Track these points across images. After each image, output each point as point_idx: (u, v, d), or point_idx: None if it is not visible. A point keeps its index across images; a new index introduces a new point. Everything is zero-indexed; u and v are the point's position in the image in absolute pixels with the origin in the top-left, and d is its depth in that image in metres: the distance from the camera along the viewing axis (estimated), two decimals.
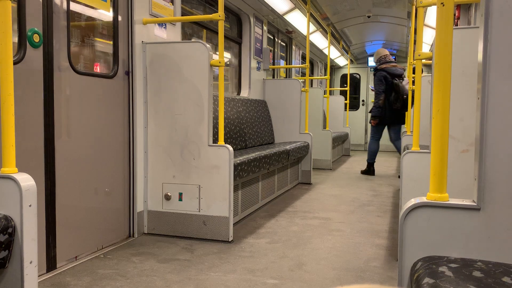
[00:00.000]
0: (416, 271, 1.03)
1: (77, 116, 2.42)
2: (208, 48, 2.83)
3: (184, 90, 2.88)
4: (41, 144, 2.19)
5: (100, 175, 2.62)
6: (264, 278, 2.23)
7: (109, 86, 2.68)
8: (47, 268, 2.25)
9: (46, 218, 2.23)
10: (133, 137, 2.88)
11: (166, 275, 2.23)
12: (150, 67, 2.94)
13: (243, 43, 5.12)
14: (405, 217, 1.14)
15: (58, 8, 2.27)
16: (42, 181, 2.20)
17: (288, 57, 7.21)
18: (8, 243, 1.42)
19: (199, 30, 4.50)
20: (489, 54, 1.03)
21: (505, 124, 1.03)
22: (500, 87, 1.03)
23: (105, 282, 2.13)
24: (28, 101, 2.11)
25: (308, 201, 4.26)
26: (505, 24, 1.02)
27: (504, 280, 0.92)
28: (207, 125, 2.85)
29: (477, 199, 1.07)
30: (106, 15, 2.70)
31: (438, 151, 1.11)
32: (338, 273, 2.32)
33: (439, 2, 1.10)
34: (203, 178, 2.87)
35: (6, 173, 1.46)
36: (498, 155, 1.04)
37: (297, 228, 3.23)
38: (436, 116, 1.10)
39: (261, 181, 3.97)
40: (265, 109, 5.13)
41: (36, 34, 2.12)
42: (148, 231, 2.99)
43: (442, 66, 1.10)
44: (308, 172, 5.33)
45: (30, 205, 1.47)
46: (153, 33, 3.03)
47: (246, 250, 2.68)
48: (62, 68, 2.30)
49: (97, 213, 2.62)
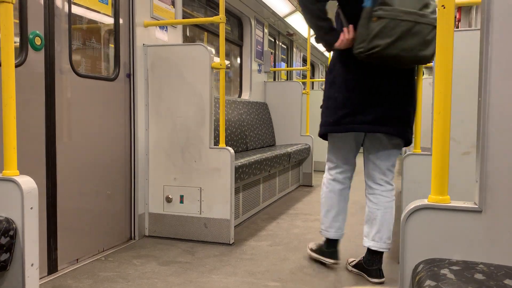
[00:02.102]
0: (418, 274, 1.03)
1: (79, 118, 2.43)
2: (209, 51, 2.84)
3: (185, 92, 2.89)
4: (42, 147, 2.19)
5: (101, 177, 2.62)
6: (265, 280, 2.22)
7: (110, 89, 2.69)
8: (48, 270, 2.25)
9: (47, 221, 2.23)
10: (134, 140, 2.88)
11: (167, 278, 2.23)
12: (151, 69, 2.94)
13: (244, 45, 5.13)
14: (406, 220, 1.13)
15: (60, 11, 2.27)
16: (44, 183, 2.20)
17: (289, 59, 7.21)
18: (10, 246, 1.41)
19: (200, 32, 4.51)
20: (490, 56, 1.03)
21: (506, 126, 1.03)
22: (501, 89, 1.03)
23: (106, 285, 2.13)
24: (29, 104, 2.11)
25: (309, 203, 4.25)
26: (506, 26, 1.02)
27: (506, 282, 0.92)
28: (208, 127, 2.86)
29: (478, 201, 1.07)
30: (108, 18, 2.71)
31: (440, 153, 1.11)
32: (339, 275, 2.32)
33: (440, 5, 1.10)
34: (204, 181, 2.87)
35: (8, 176, 1.46)
36: (499, 157, 1.04)
37: (299, 230, 3.23)
38: (437, 118, 1.10)
39: (262, 184, 3.97)
40: (266, 111, 5.13)
41: (37, 37, 2.12)
42: (149, 234, 2.99)
43: (443, 68, 1.10)
44: (309, 174, 5.33)
45: (32, 208, 1.47)
46: (154, 36, 3.04)
47: (247, 252, 2.68)
48: (63, 70, 2.31)
49: (98, 215, 2.62)
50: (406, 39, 1.89)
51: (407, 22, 1.86)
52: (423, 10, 1.88)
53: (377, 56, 1.93)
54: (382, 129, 2.11)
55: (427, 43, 1.92)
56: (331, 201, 2.35)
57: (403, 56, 1.93)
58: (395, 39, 1.88)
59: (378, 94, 2.08)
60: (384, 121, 2.09)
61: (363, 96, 2.09)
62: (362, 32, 1.94)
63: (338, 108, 2.14)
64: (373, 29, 1.89)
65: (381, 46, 1.89)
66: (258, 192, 3.86)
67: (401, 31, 1.87)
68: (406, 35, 1.88)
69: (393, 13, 1.86)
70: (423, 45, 1.92)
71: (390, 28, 1.87)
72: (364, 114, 2.09)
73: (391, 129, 2.11)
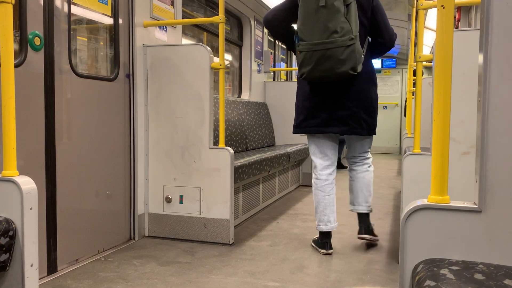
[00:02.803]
0: (418, 274, 1.03)
1: (78, 119, 2.43)
2: (209, 51, 2.84)
3: (185, 92, 2.89)
4: (42, 147, 2.19)
5: (101, 178, 2.62)
6: (265, 281, 2.22)
7: (110, 89, 2.69)
8: (48, 271, 2.24)
9: (47, 221, 2.23)
10: (134, 140, 2.88)
11: (167, 278, 2.23)
12: (151, 69, 2.94)
13: (243, 45, 5.13)
14: (406, 220, 1.13)
15: (59, 11, 2.27)
16: (43, 184, 2.20)
17: (289, 59, 7.21)
18: (9, 246, 1.41)
19: (200, 33, 4.51)
20: (490, 56, 1.03)
21: (506, 126, 1.03)
22: (501, 89, 1.03)
23: (106, 285, 2.13)
24: (29, 104, 2.11)
25: (309, 203, 4.25)
26: (506, 26, 1.02)
27: (505, 282, 0.92)
28: (208, 127, 2.86)
29: (478, 201, 1.07)
30: (107, 18, 2.71)
31: (439, 153, 1.11)
32: (339, 275, 2.32)
33: (439, 5, 1.10)
34: (204, 181, 2.87)
35: (7, 176, 1.46)
36: (499, 157, 1.04)
37: (298, 230, 3.23)
38: (437, 118, 1.10)
39: (262, 184, 3.97)
40: (266, 111, 5.13)
41: (37, 37, 2.12)
42: (149, 234, 2.99)
43: (442, 68, 1.10)
44: (309, 174, 5.33)
45: (31, 208, 1.47)
46: (154, 36, 3.04)
47: (247, 252, 2.68)
48: (63, 71, 2.30)
49: (98, 216, 2.62)
50: (323, 63, 2.38)
51: (318, 51, 2.36)
52: (331, 38, 2.34)
53: (307, 78, 2.47)
54: (328, 130, 2.60)
55: (342, 62, 2.36)
56: (317, 197, 2.68)
57: (325, 76, 2.43)
58: (313, 65, 2.40)
59: (323, 101, 2.58)
60: (329, 123, 2.59)
61: (313, 104, 2.61)
62: (297, 61, 2.52)
63: (298, 114, 2.70)
64: (299, 60, 2.47)
65: (306, 72, 2.44)
66: (257, 192, 3.86)
67: (316, 59, 2.38)
68: (321, 60, 2.38)
69: (307, 47, 2.39)
70: (338, 63, 2.37)
71: (308, 58, 2.40)
72: (314, 119, 2.61)
73: (336, 128, 2.59)
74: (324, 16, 2.34)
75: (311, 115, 2.62)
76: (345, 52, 2.33)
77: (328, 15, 2.34)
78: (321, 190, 2.66)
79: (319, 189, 2.67)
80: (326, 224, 2.64)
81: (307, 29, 2.39)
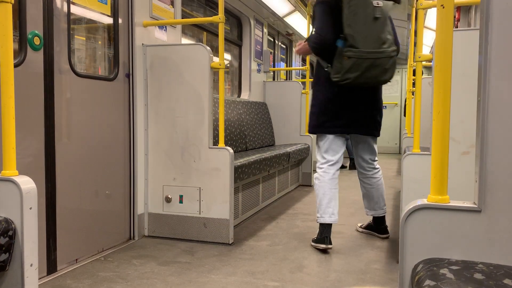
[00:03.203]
0: (417, 273, 1.03)
1: (78, 118, 2.43)
2: (209, 51, 2.84)
3: (185, 92, 2.89)
4: (41, 147, 2.19)
5: (100, 177, 2.62)
6: (265, 280, 2.22)
7: (109, 89, 2.69)
8: (48, 271, 2.24)
9: (47, 221, 2.23)
10: (134, 140, 2.88)
11: (167, 278, 2.23)
12: (151, 69, 2.94)
13: (243, 45, 5.13)
14: (406, 219, 1.13)
15: (59, 11, 2.27)
16: (43, 183, 2.20)
17: (289, 59, 7.21)
18: (9, 246, 1.41)
19: (200, 32, 4.51)
20: (489, 55, 1.03)
21: (505, 126, 1.03)
22: (500, 89, 1.03)
23: (106, 285, 2.13)
24: (28, 104, 2.11)
25: (309, 203, 4.25)
26: (505, 25, 1.02)
27: (505, 282, 0.92)
28: (208, 127, 2.86)
29: (478, 201, 1.07)
30: (107, 17, 2.71)
31: (439, 153, 1.11)
32: (339, 275, 2.32)
33: (439, 4, 1.10)
34: (204, 181, 2.87)
35: (7, 176, 1.46)
36: (499, 157, 1.04)
37: (298, 230, 3.23)
38: (436, 118, 1.10)
39: (262, 183, 3.97)
40: (266, 111, 5.13)
41: (36, 37, 2.12)
42: (148, 234, 2.99)
43: (442, 68, 1.10)
44: (308, 174, 5.33)
45: (31, 208, 1.47)
46: (154, 36, 3.04)
47: (247, 252, 2.68)
48: (62, 70, 2.30)
49: (98, 215, 2.62)
50: (370, 71, 2.50)
51: (369, 59, 2.47)
52: (381, 48, 2.48)
53: (351, 83, 2.55)
54: (350, 130, 2.77)
55: (385, 71, 2.54)
56: (323, 189, 2.77)
57: (368, 82, 2.57)
58: (361, 72, 2.49)
59: (348, 105, 2.71)
60: (351, 124, 2.75)
61: (337, 106, 2.72)
62: (337, 66, 2.55)
63: (320, 115, 2.78)
64: (345, 66, 2.50)
65: (352, 78, 2.51)
66: (257, 192, 3.86)
67: (365, 66, 2.47)
68: (369, 68, 2.49)
69: (359, 54, 2.46)
70: (383, 72, 2.53)
71: (357, 64, 2.47)
72: (339, 120, 2.74)
73: (356, 129, 2.77)
74: (378, 27, 2.48)
75: (335, 116, 2.73)
76: (389, 62, 2.52)
77: (381, 26, 2.49)
78: (328, 183, 2.76)
79: (327, 183, 2.77)
80: (331, 216, 2.73)
81: (361, 37, 2.45)
